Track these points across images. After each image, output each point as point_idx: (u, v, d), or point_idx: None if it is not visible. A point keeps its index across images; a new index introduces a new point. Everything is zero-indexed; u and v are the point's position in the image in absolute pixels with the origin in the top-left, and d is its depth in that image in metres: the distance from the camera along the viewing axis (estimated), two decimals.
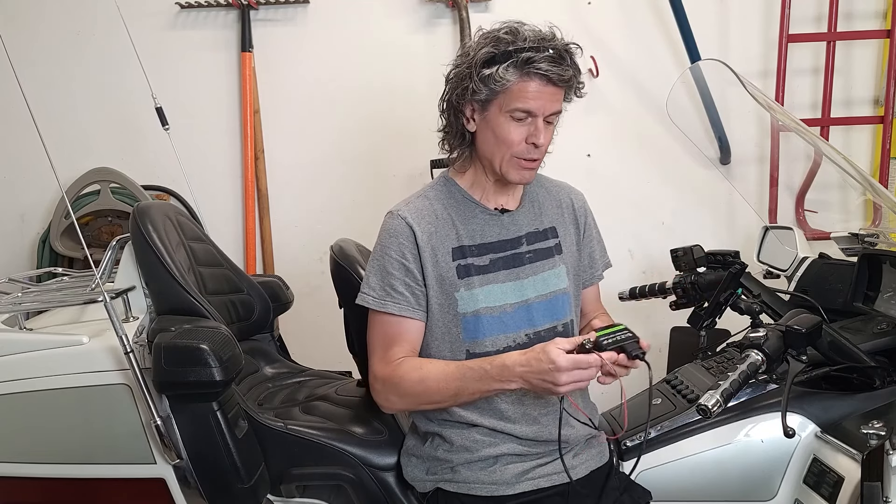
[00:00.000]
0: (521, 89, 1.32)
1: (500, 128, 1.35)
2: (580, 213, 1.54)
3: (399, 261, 1.39)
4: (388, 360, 1.39)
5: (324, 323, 2.04)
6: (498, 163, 1.38)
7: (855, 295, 1.64)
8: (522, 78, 1.31)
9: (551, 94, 1.34)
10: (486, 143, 1.39)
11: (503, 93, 1.33)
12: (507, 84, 1.32)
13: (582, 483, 1.41)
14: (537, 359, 1.23)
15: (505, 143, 1.36)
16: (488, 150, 1.39)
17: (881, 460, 1.16)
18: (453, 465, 1.40)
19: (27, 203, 2.79)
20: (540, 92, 1.32)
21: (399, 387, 1.37)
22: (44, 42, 2.70)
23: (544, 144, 1.37)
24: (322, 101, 2.71)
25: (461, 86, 1.36)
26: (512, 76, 1.31)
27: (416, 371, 1.35)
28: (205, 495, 1.43)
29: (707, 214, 2.73)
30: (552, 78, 1.31)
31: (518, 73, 1.31)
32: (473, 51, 1.35)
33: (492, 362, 1.29)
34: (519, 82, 1.32)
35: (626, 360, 1.22)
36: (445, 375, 1.33)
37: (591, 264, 1.56)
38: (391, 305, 1.39)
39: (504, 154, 1.37)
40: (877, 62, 2.63)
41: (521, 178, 1.40)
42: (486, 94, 1.34)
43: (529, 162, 1.38)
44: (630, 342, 1.23)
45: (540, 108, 1.33)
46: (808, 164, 2.34)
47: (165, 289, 1.52)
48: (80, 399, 1.44)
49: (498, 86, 1.32)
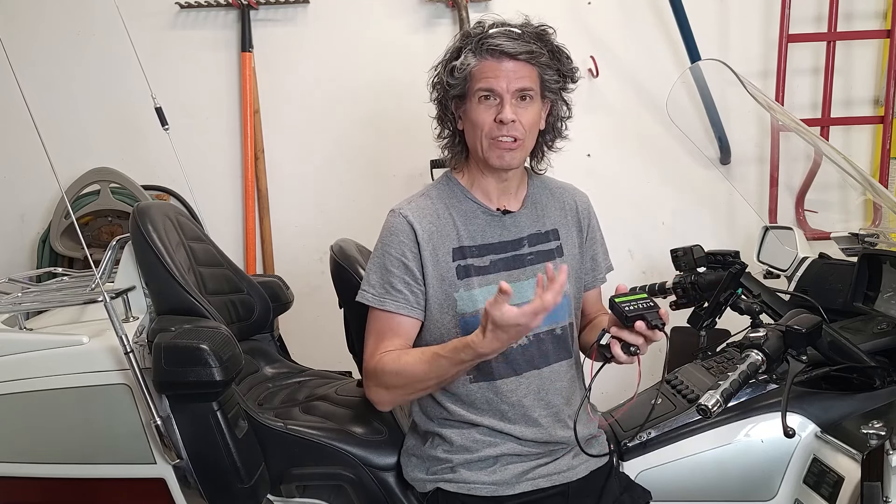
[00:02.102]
0: (480, 69, 1.35)
1: (472, 112, 1.38)
2: (584, 216, 1.54)
3: (399, 259, 1.39)
4: (376, 354, 1.39)
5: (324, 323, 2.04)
6: (480, 150, 1.39)
7: (855, 295, 1.64)
8: (481, 58, 1.35)
9: (513, 70, 1.34)
10: (468, 134, 1.41)
11: (470, 80, 1.36)
12: (469, 68, 1.35)
13: (582, 483, 1.41)
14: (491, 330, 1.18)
15: (477, 126, 1.37)
16: (470, 140, 1.41)
17: (881, 460, 1.16)
18: (453, 465, 1.40)
19: (27, 203, 2.79)
20: (497, 68, 1.34)
21: (382, 379, 1.37)
22: (44, 42, 2.70)
23: (517, 122, 1.35)
24: (322, 100, 2.71)
25: (441, 86, 1.40)
26: (471, 60, 1.35)
27: (394, 362, 1.35)
28: (205, 495, 1.43)
29: (707, 214, 2.73)
30: (507, 52, 1.33)
31: (475, 56, 1.35)
32: (446, 52, 1.40)
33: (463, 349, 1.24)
34: (479, 64, 1.35)
35: (646, 329, 1.21)
36: (423, 366, 1.31)
37: (594, 267, 1.56)
38: (389, 303, 1.39)
39: (480, 138, 1.38)
40: (877, 62, 2.63)
41: (501, 160, 1.38)
42: (459, 88, 1.37)
43: (506, 142, 1.36)
44: (651, 311, 1.22)
45: (501, 84, 1.34)
46: (808, 164, 2.34)
47: (165, 289, 1.52)
48: (80, 399, 1.44)
49: (464, 73, 1.35)
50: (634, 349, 1.24)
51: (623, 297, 1.25)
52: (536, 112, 1.39)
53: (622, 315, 1.22)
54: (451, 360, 1.28)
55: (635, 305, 1.23)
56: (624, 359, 1.25)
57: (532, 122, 1.38)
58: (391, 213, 1.44)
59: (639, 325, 1.21)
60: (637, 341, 1.23)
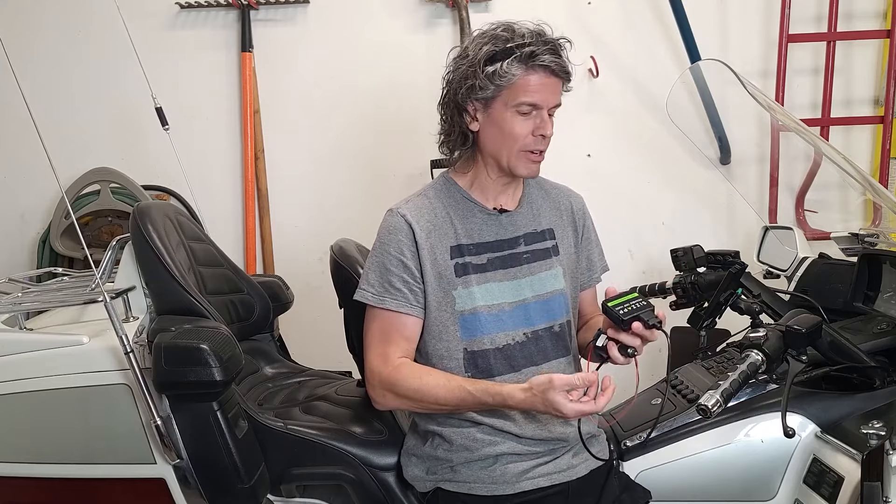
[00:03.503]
0: (525, 83, 1.34)
1: (506, 123, 1.37)
2: (579, 216, 1.55)
3: (397, 258, 1.40)
4: (387, 357, 1.40)
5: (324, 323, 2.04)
6: (505, 158, 1.40)
7: (855, 295, 1.64)
8: (527, 71, 1.34)
9: (553, 86, 1.37)
10: (492, 140, 1.40)
11: (508, 88, 1.35)
12: (513, 79, 1.34)
13: (582, 482, 1.41)
14: (541, 405, 1.25)
15: (512, 137, 1.37)
16: (494, 147, 1.40)
17: (881, 460, 1.16)
18: (453, 464, 1.40)
19: (27, 203, 2.79)
20: (543, 84, 1.35)
21: (396, 389, 1.38)
22: (44, 42, 2.70)
23: (550, 136, 1.39)
24: (322, 100, 2.71)
25: (464, 85, 1.37)
26: (517, 70, 1.33)
27: (415, 380, 1.36)
28: (205, 495, 1.43)
29: (707, 214, 2.73)
30: (555, 69, 1.34)
31: (523, 67, 1.34)
32: (473, 51, 1.37)
33: (493, 396, 1.31)
34: (524, 76, 1.34)
35: (643, 330, 1.22)
36: (445, 393, 1.34)
37: (590, 267, 1.57)
38: (389, 301, 1.40)
39: (511, 149, 1.38)
40: (877, 62, 2.63)
41: (530, 171, 1.42)
42: (491, 91, 1.36)
43: (537, 154, 1.40)
44: (646, 311, 1.21)
45: (544, 100, 1.36)
46: (808, 164, 2.34)
47: (165, 289, 1.52)
48: (80, 399, 1.44)
49: (504, 81, 1.34)
50: (632, 351, 1.24)
51: (615, 300, 1.24)
52: None
53: (618, 319, 1.22)
54: (477, 399, 1.32)
55: (629, 307, 1.23)
56: (621, 361, 1.26)
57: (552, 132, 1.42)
58: (389, 212, 1.44)
59: (636, 327, 1.22)
60: (635, 343, 1.24)
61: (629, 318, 1.21)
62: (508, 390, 1.29)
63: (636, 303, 1.23)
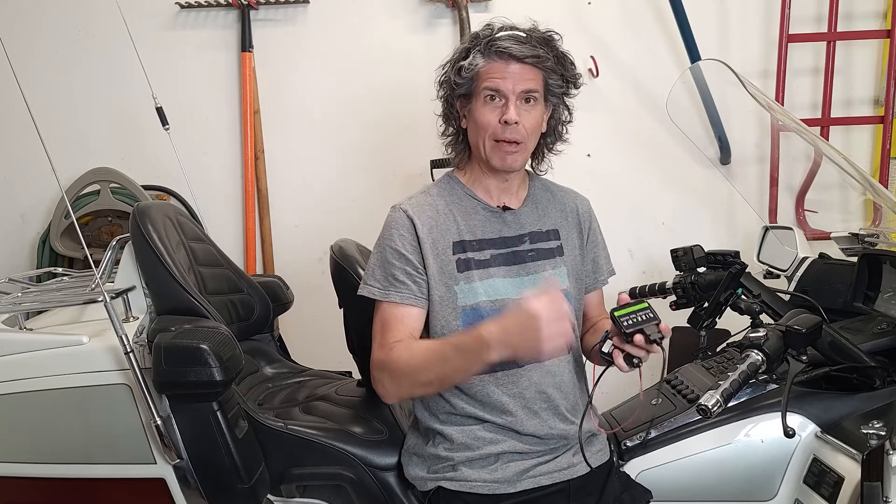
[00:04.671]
0: (487, 70, 1.37)
1: (477, 112, 1.40)
2: (584, 219, 1.55)
3: (400, 251, 1.40)
4: (385, 344, 1.39)
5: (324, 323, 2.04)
6: (483, 150, 1.41)
7: (855, 295, 1.64)
8: (489, 59, 1.37)
9: (519, 72, 1.37)
10: (472, 134, 1.43)
11: (477, 80, 1.38)
12: (476, 68, 1.37)
13: (583, 481, 1.41)
14: (513, 314, 1.21)
15: (481, 125, 1.39)
16: (474, 139, 1.43)
17: (881, 460, 1.16)
18: (454, 463, 1.40)
19: (27, 203, 2.79)
20: (504, 70, 1.36)
21: (391, 370, 1.35)
22: (44, 42, 2.70)
23: (521, 124, 1.37)
24: (322, 100, 2.71)
25: (448, 85, 1.43)
26: (479, 60, 1.37)
27: (405, 352, 1.35)
28: (205, 495, 1.43)
29: (707, 214, 2.73)
30: (515, 54, 1.35)
31: (485, 57, 1.37)
32: (455, 52, 1.42)
33: (468, 332, 1.28)
34: (486, 65, 1.37)
35: (644, 343, 1.22)
36: (428, 351, 1.33)
37: (595, 269, 1.57)
38: (394, 294, 1.40)
39: (483, 138, 1.40)
40: (877, 62, 2.63)
41: (503, 162, 1.40)
42: (465, 87, 1.40)
43: (509, 144, 1.39)
44: (650, 324, 1.21)
45: (507, 85, 1.36)
46: (808, 164, 2.35)
47: (165, 289, 1.52)
48: (80, 399, 1.44)
49: (471, 73, 1.38)
50: (637, 361, 1.24)
51: (624, 308, 1.25)
52: (539, 115, 1.41)
53: (621, 330, 1.23)
54: (456, 346, 1.29)
55: (635, 319, 1.22)
56: (625, 369, 1.27)
57: (534, 124, 1.40)
58: (392, 208, 1.46)
59: (638, 339, 1.22)
60: (640, 354, 1.24)
61: (632, 331, 1.22)
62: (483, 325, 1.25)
63: (643, 314, 1.23)
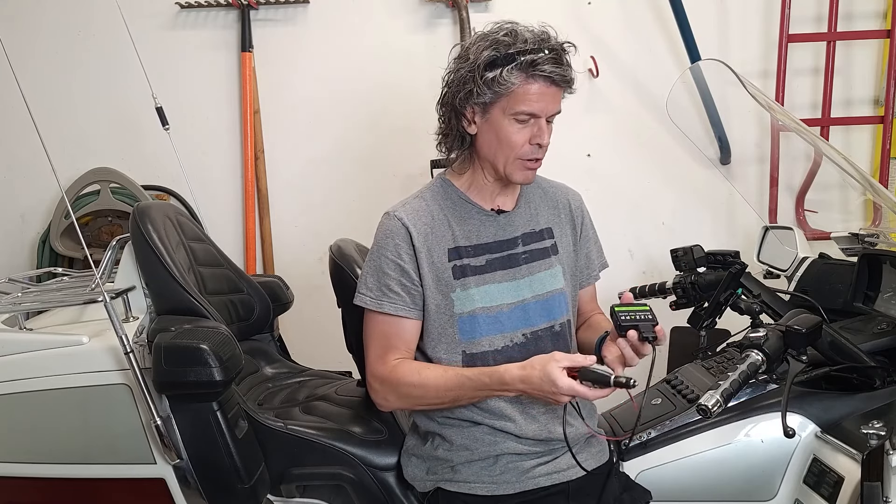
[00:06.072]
0: (524, 92, 1.32)
1: (504, 130, 1.35)
2: (577, 214, 1.54)
3: (395, 261, 1.39)
4: (386, 360, 1.40)
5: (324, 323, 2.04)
6: (501, 165, 1.39)
7: (855, 295, 1.64)
8: (527, 80, 1.31)
9: (553, 95, 1.34)
10: (489, 146, 1.39)
11: (507, 96, 1.33)
12: (512, 87, 1.31)
13: (582, 482, 1.41)
14: (538, 377, 1.25)
15: (508, 145, 1.36)
16: (490, 152, 1.39)
17: (881, 460, 1.16)
18: (454, 464, 1.40)
19: (27, 203, 2.79)
20: (543, 94, 1.33)
21: (397, 389, 1.38)
22: (44, 42, 2.70)
23: (547, 144, 1.38)
24: (322, 100, 2.71)
25: (463, 89, 1.35)
26: (516, 79, 1.31)
27: (414, 375, 1.36)
28: (205, 495, 1.43)
29: (707, 214, 2.73)
30: (555, 79, 1.32)
31: (522, 76, 1.31)
32: (473, 54, 1.34)
33: (490, 375, 1.31)
34: (523, 85, 1.32)
35: (636, 340, 1.23)
36: (444, 382, 1.34)
37: (588, 265, 1.57)
38: (388, 305, 1.39)
39: (508, 156, 1.37)
40: (877, 62, 2.63)
41: (525, 178, 1.41)
42: (489, 98, 1.33)
43: (533, 162, 1.39)
44: (645, 323, 1.22)
45: (543, 109, 1.34)
46: (808, 164, 2.35)
47: (165, 289, 1.52)
48: (80, 399, 1.44)
49: (503, 88, 1.31)
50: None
51: (624, 306, 1.26)
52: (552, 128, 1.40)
53: (617, 324, 1.24)
54: (475, 383, 1.32)
55: (632, 316, 1.24)
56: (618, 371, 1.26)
57: None
58: (385, 215, 1.43)
59: (631, 335, 1.23)
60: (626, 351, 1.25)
61: (627, 326, 1.23)
62: (506, 367, 1.29)
63: (641, 314, 1.24)
